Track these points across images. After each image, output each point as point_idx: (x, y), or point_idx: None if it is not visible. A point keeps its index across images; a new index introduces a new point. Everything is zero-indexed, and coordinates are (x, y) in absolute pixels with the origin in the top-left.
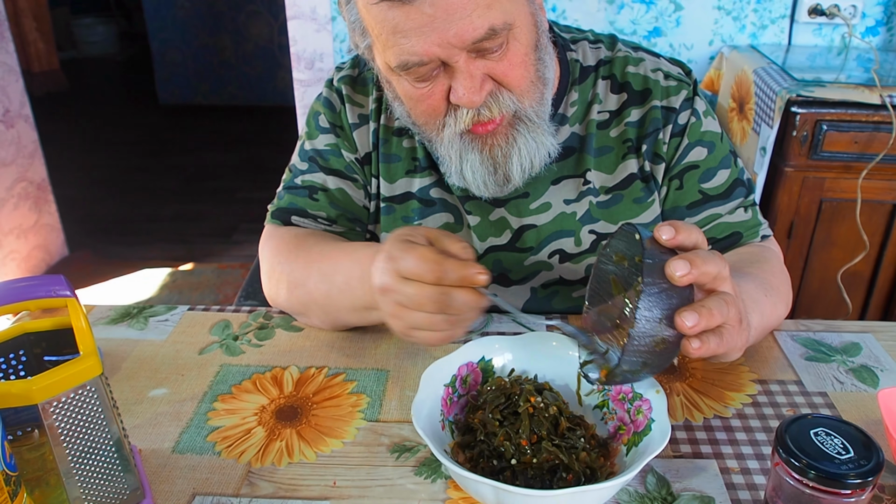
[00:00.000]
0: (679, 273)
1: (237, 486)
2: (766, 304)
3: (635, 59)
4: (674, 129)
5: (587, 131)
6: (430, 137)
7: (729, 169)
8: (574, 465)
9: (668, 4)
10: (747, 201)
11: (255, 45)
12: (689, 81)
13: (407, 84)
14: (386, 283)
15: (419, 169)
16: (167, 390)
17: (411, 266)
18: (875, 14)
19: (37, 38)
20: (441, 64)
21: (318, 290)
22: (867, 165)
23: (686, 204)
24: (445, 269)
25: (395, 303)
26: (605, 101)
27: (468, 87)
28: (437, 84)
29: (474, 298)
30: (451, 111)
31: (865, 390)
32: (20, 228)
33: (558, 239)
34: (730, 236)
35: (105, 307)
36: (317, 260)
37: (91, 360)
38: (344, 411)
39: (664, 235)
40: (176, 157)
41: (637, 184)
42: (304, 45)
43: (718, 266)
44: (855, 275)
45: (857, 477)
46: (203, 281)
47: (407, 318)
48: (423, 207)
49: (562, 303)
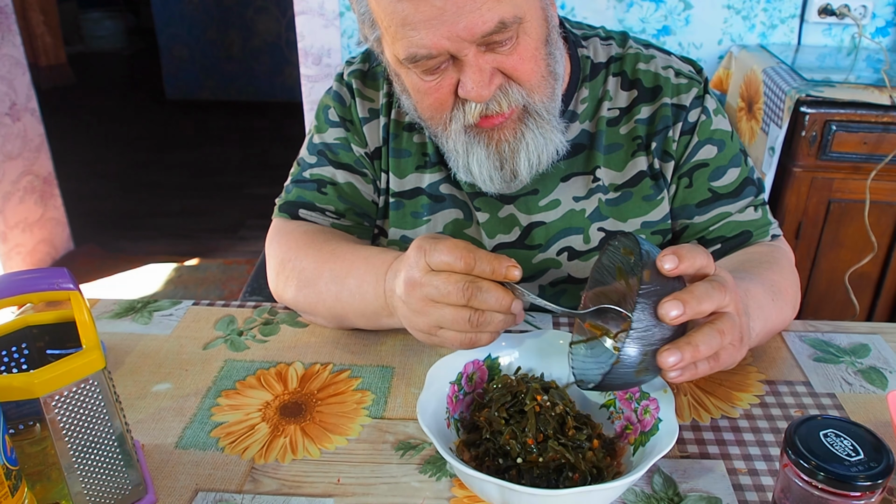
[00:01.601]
0: (672, 314)
1: (240, 483)
2: (771, 310)
3: (646, 57)
4: (684, 127)
5: (597, 128)
6: (436, 132)
7: (739, 167)
8: (580, 464)
9: (678, 3)
10: (757, 200)
11: (263, 41)
12: (699, 79)
13: (415, 77)
14: (414, 277)
15: (429, 164)
16: (171, 385)
17: (443, 255)
18: (885, 14)
19: (44, 31)
20: (450, 57)
21: (329, 292)
22: (876, 166)
23: (696, 202)
24: (476, 257)
25: (421, 298)
26: (615, 98)
27: (477, 81)
28: (446, 77)
29: (503, 295)
30: (458, 105)
31: (874, 392)
32: (26, 222)
33: (567, 236)
34: (739, 235)
35: (109, 301)
36: (328, 260)
37: (94, 353)
38: (349, 408)
39: (666, 265)
40: (182, 152)
41: (646, 181)
42: (311, 40)
43: (716, 302)
44: (863, 276)
45: (866, 479)
46: (208, 276)
47: (433, 313)
48: (432, 203)
49: (569, 301)
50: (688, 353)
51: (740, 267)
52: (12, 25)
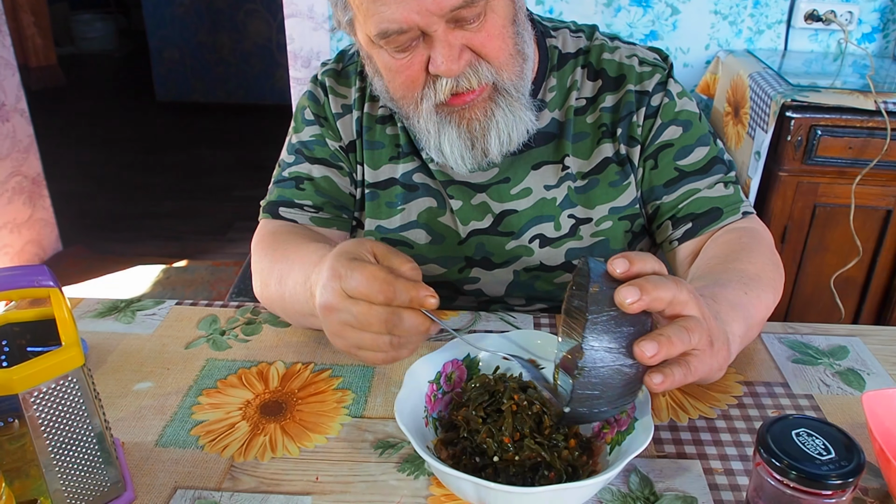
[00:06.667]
0: (629, 300)
1: (219, 481)
2: (749, 305)
3: (611, 48)
4: (647, 112)
5: (566, 117)
6: (408, 112)
7: (708, 147)
8: (556, 462)
9: (665, 8)
10: (728, 177)
11: (254, 44)
12: (664, 66)
13: (386, 56)
14: (330, 302)
15: (402, 155)
16: (152, 384)
17: (360, 285)
18: (871, 21)
19: (35, 32)
20: (420, 34)
21: (277, 292)
22: (861, 171)
23: (663, 182)
24: (396, 289)
25: (339, 322)
26: (582, 89)
27: (446, 55)
28: (416, 55)
29: (423, 321)
30: (429, 83)
31: (851, 393)
32: (14, 223)
33: (539, 224)
34: (709, 212)
35: (93, 300)
36: (279, 260)
37: (73, 350)
38: (328, 407)
39: (618, 269)
40: (172, 154)
41: (612, 167)
42: (301, 43)
43: (672, 290)
44: (848, 280)
45: (837, 478)
46: (197, 278)
47: (352, 337)
48: (406, 192)
49: (544, 286)
50: (663, 343)
51: (707, 270)
52: (2, 26)
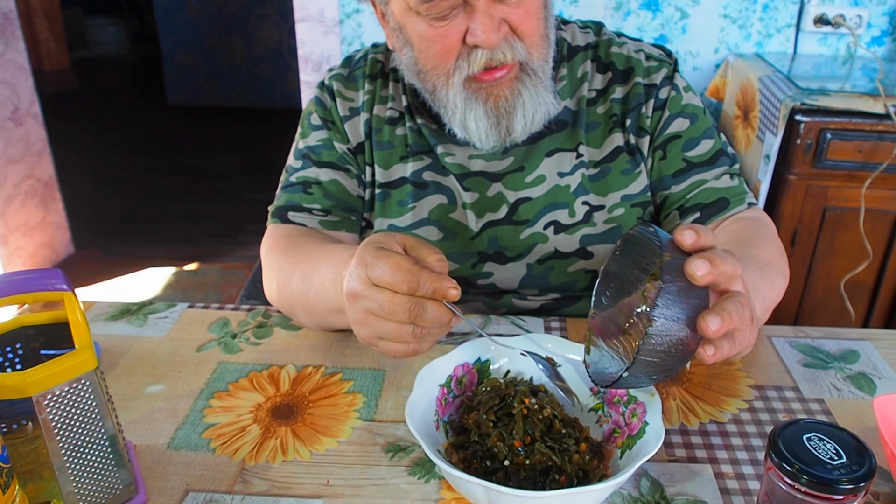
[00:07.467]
0: (700, 272)
1: (231, 483)
2: (765, 289)
3: (619, 42)
4: (655, 104)
5: (578, 107)
6: (435, 85)
7: (713, 139)
8: (567, 466)
9: (675, 12)
10: (733, 169)
11: (265, 48)
12: (669, 61)
13: (423, 24)
14: (356, 289)
15: (412, 154)
16: (164, 387)
17: (385, 274)
18: (881, 24)
19: (48, 37)
20: (462, 3)
21: (300, 291)
22: (871, 174)
23: (671, 172)
24: (420, 279)
25: (363, 310)
26: (592, 81)
27: (487, 26)
28: (455, 24)
29: (445, 313)
30: (464, 53)
31: (862, 397)
32: (27, 225)
33: (553, 210)
34: (717, 202)
35: (105, 304)
36: (301, 260)
37: (86, 353)
38: (339, 410)
39: (687, 241)
40: (183, 157)
41: (623, 156)
42: (311, 47)
43: (734, 266)
44: (858, 284)
45: (849, 482)
46: (207, 281)
47: (375, 326)
48: (416, 190)
49: (557, 278)
50: (725, 318)
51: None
52: (16, 31)
